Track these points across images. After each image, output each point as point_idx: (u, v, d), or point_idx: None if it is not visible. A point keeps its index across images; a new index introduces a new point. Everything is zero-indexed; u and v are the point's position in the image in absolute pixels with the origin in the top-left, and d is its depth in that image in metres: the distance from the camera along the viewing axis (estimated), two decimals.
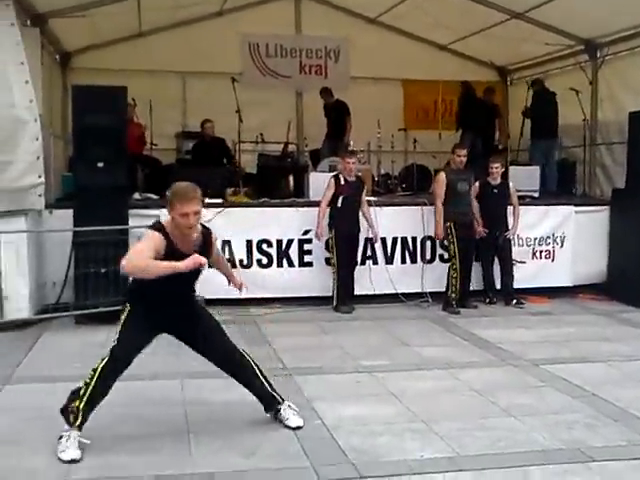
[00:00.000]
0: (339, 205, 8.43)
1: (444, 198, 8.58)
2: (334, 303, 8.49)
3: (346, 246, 8.46)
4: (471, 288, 9.04)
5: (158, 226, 4.46)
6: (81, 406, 4.31)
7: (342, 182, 8.48)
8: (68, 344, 6.85)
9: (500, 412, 5.10)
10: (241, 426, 4.76)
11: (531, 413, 5.07)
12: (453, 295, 8.60)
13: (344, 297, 8.50)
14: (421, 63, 12.48)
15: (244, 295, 8.34)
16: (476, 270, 9.14)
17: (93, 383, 4.34)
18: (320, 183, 8.74)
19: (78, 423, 4.33)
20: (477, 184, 9.05)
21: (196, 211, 4.41)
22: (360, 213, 8.58)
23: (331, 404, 5.18)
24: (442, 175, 8.73)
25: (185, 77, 12.20)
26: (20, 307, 7.41)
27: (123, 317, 4.51)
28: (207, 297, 8.20)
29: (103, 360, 4.38)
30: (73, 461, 4.18)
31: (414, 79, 12.69)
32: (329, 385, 5.68)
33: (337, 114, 11.50)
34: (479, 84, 12.45)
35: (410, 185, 10.89)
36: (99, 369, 4.36)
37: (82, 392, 4.34)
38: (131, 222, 7.94)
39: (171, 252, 4.37)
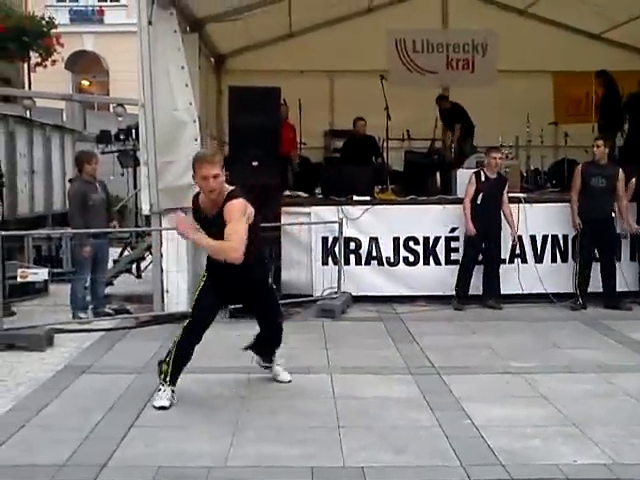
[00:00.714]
0: (478, 202, 8.36)
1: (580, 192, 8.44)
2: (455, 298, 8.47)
3: (479, 244, 8.39)
4: (627, 289, 8.72)
5: (194, 195, 4.98)
6: (169, 362, 5.01)
7: (483, 179, 8.40)
8: (223, 337, 7.17)
9: None
10: (391, 422, 4.84)
11: None
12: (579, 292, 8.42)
13: (462, 294, 8.46)
14: (572, 54, 12.01)
15: (390, 293, 8.60)
16: (632, 270, 8.82)
17: (177, 342, 5.01)
18: (467, 180, 8.67)
19: (167, 379, 5.00)
20: (633, 180, 8.69)
21: (215, 174, 4.71)
22: (502, 212, 8.49)
23: (480, 404, 5.17)
24: (579, 167, 8.62)
25: (333, 76, 12.40)
26: (179, 300, 7.84)
27: (201, 284, 5.16)
28: (354, 294, 8.49)
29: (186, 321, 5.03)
30: (162, 408, 4.96)
31: (564, 70, 12.25)
32: (478, 385, 5.66)
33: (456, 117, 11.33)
34: (634, 74, 11.88)
35: (560, 181, 10.57)
36: (182, 330, 5.01)
37: (170, 350, 5.08)
38: (283, 220, 8.22)
39: (198, 218, 4.95)
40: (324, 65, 11.84)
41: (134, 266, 9.80)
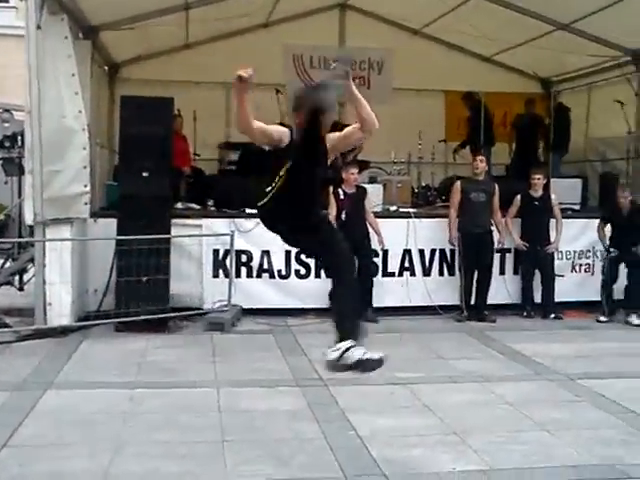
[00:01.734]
0: (343, 219, 8.34)
1: (459, 207, 8.70)
2: None
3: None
4: (510, 301, 9.05)
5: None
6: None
7: (341, 196, 8.48)
8: (108, 351, 7.00)
9: (534, 426, 5.09)
10: (276, 435, 4.83)
11: (566, 428, 5.06)
12: (462, 305, 8.70)
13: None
14: (464, 74, 12.43)
15: (282, 305, 8.60)
16: (515, 283, 9.13)
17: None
18: None
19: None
20: (518, 197, 9.05)
21: None
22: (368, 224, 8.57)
23: (365, 415, 5.23)
24: (458, 183, 8.89)
25: (229, 88, 12.33)
26: (62, 313, 7.58)
27: None
28: (245, 307, 8.45)
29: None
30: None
31: (456, 90, 12.65)
32: (363, 396, 5.71)
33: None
34: (522, 96, 12.40)
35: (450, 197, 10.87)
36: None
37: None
38: (173, 231, 8.10)
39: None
40: (220, 77, 11.72)
41: (16, 278, 9.41)
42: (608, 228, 8.97)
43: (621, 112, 10.76)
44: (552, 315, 8.90)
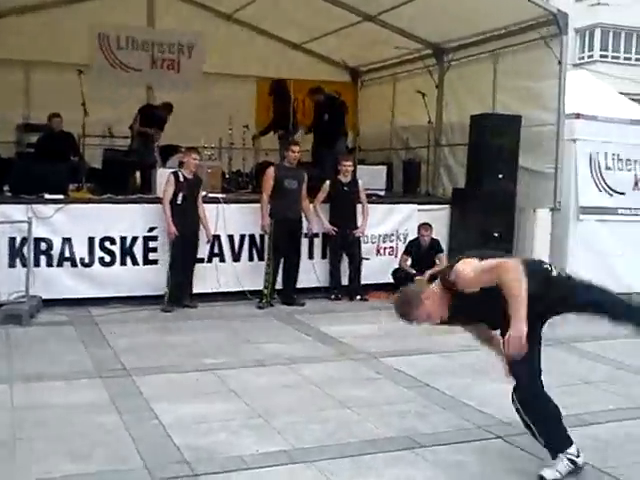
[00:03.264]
0: (178, 202, 8.31)
1: (271, 193, 8.72)
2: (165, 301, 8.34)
3: (181, 243, 8.32)
4: (318, 284, 9.24)
5: None
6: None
7: (181, 179, 8.38)
8: None
9: (336, 404, 5.22)
10: (75, 429, 4.61)
11: (366, 404, 5.23)
12: (266, 291, 8.70)
13: (178, 296, 8.38)
14: (275, 61, 12.56)
15: (85, 295, 8.25)
16: (323, 266, 9.33)
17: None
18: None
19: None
20: (327, 182, 9.24)
21: None
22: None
23: (169, 404, 5.11)
24: (271, 170, 8.89)
25: (29, 66, 11.66)
26: None
27: None
28: (45, 297, 8.01)
29: None
30: None
31: (267, 77, 12.70)
32: (168, 384, 5.60)
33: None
34: (331, 84, 12.68)
35: (261, 183, 10.89)
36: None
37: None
38: None
39: None
40: (19, 54, 11.07)
41: None
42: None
43: (423, 102, 11.29)
44: (358, 297, 9.19)
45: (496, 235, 9.38)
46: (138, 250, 8.50)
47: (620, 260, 9.86)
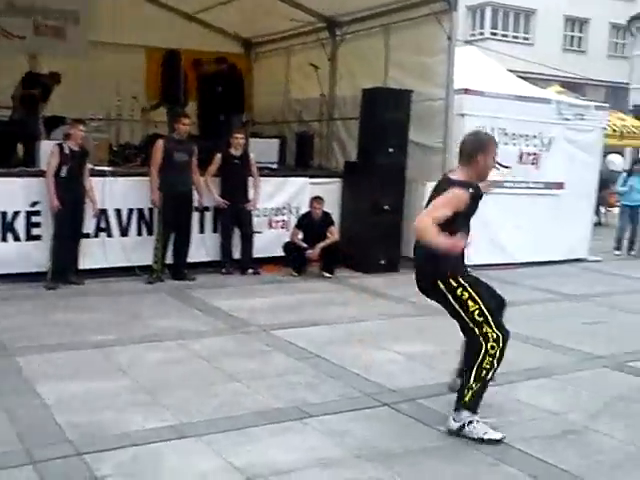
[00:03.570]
0: (63, 175, 7.99)
1: (161, 166, 8.52)
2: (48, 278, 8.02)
3: (65, 217, 8.01)
4: (210, 259, 9.14)
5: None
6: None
7: (67, 151, 8.07)
8: None
9: (226, 378, 5.20)
10: None
11: (256, 377, 5.24)
12: (155, 266, 8.54)
13: (62, 273, 8.10)
14: (166, 31, 12.21)
15: None
16: (214, 240, 9.23)
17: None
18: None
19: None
20: (219, 155, 9.11)
21: None
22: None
23: (53, 383, 4.96)
24: (160, 143, 8.67)
25: None
26: None
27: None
28: None
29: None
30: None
31: (158, 47, 12.36)
32: (53, 363, 5.41)
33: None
34: (224, 55, 12.47)
35: (150, 156, 10.61)
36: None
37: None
38: None
39: None
40: None
41: None
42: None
43: (316, 75, 11.28)
44: (250, 270, 9.14)
45: (386, 208, 9.52)
46: (20, 225, 8.12)
47: (505, 231, 10.23)
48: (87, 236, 8.39)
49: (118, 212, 8.66)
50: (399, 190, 9.69)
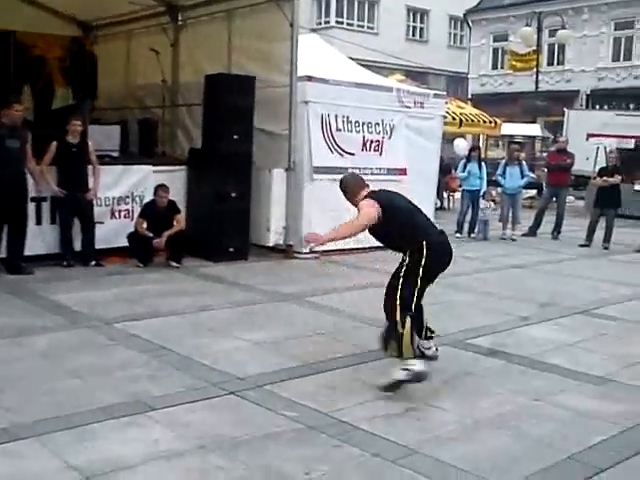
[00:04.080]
0: None
1: None
2: None
3: None
4: (48, 251, 8.73)
5: None
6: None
7: None
8: None
9: (66, 375, 4.98)
10: None
11: (97, 372, 5.05)
12: None
13: None
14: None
15: None
16: (53, 232, 8.81)
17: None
18: None
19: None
20: (54, 143, 8.69)
21: None
22: None
23: None
24: None
25: None
26: None
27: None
28: None
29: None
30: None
31: None
32: None
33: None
34: (60, 38, 11.95)
35: None
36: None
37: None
38: None
39: None
40: None
41: None
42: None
43: (157, 61, 11.01)
44: (93, 262, 8.80)
45: (233, 195, 9.46)
46: None
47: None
48: None
49: None
50: (246, 177, 9.65)
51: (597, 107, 27.09)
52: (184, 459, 3.79)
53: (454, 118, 17.75)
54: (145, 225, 9.04)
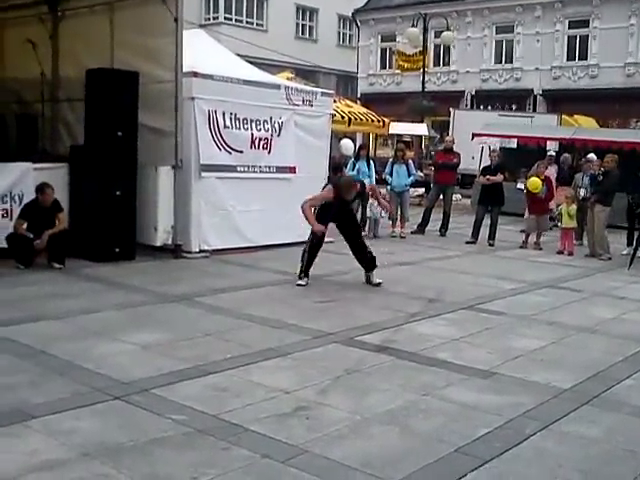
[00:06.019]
0: None
1: None
2: None
3: None
4: None
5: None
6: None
7: None
8: None
9: None
10: None
11: None
12: None
13: None
14: None
15: None
16: None
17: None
18: None
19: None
20: None
21: None
22: None
23: None
24: None
25: None
26: None
27: None
28: None
29: None
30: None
31: None
32: None
33: None
34: None
35: None
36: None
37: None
38: None
39: None
40: None
41: None
42: None
43: (35, 53, 10.56)
44: None
45: (118, 194, 9.18)
46: None
47: (241, 216, 10.33)
48: None
49: None
50: (131, 175, 9.37)
51: (481, 107, 28.08)
52: (66, 468, 3.64)
53: (343, 117, 17.87)
54: (25, 226, 8.62)
